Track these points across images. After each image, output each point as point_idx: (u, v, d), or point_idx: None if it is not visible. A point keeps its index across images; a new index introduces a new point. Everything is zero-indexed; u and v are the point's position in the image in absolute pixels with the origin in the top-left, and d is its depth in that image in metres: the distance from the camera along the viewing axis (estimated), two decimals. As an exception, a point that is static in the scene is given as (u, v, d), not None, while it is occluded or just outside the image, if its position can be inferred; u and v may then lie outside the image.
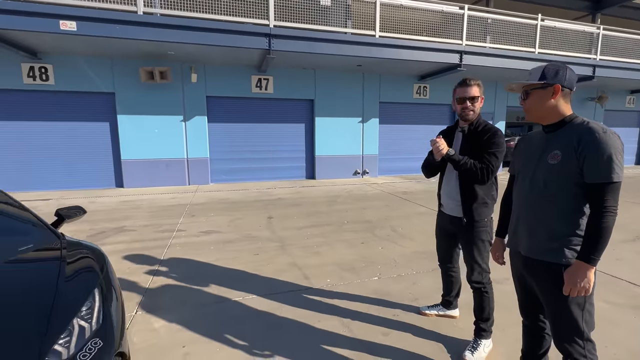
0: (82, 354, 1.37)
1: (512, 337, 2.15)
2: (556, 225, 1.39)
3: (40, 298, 1.53)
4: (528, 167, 1.49)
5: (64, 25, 5.83)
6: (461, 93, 1.98)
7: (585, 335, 1.38)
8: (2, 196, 2.22)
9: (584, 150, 1.28)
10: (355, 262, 3.53)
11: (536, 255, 1.45)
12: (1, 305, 1.44)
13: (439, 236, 2.33)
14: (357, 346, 2.14)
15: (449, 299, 2.45)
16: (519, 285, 1.65)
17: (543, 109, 1.43)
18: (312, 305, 2.66)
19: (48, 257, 1.85)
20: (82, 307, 1.57)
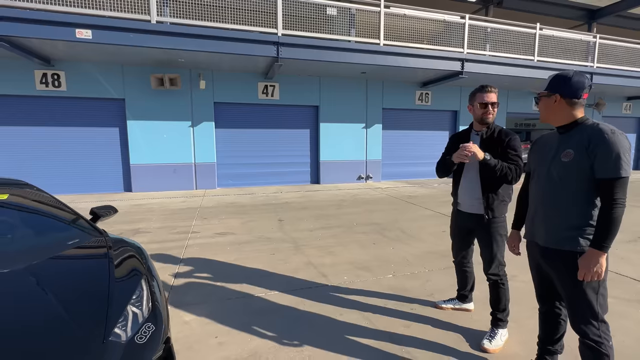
0: (138, 336, 1.50)
1: (525, 328, 2.28)
2: (570, 217, 1.53)
3: (96, 287, 1.66)
4: (543, 164, 1.64)
5: (80, 34, 6.01)
6: (484, 99, 2.12)
7: (600, 317, 1.52)
8: (50, 198, 2.36)
9: (594, 149, 1.43)
10: (369, 261, 3.66)
11: (553, 245, 1.59)
12: (65, 293, 1.57)
13: (455, 234, 2.46)
14: (381, 337, 2.26)
15: (464, 293, 2.58)
16: (536, 275, 1.78)
17: (548, 113, 1.59)
18: (332, 300, 2.78)
19: (97, 250, 1.98)
20: (133, 296, 1.70)
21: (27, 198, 2.29)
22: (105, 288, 1.66)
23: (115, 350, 1.38)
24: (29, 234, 2.05)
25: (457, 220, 2.40)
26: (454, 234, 2.48)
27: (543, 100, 1.59)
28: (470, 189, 2.23)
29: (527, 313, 2.47)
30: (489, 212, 2.15)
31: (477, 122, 2.22)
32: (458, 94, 10.78)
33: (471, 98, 2.22)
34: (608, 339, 1.52)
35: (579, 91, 1.50)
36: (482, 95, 2.14)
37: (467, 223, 2.30)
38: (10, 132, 7.37)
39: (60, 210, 2.29)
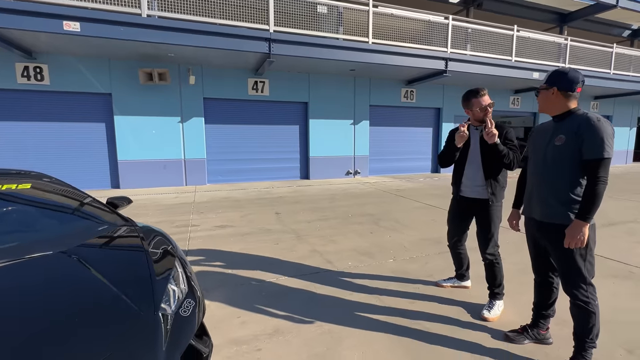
0: (182, 310, 1.62)
1: (517, 301, 2.54)
2: (562, 194, 1.78)
3: (137, 267, 1.76)
4: (539, 149, 1.88)
5: (68, 26, 5.87)
6: (481, 103, 2.33)
7: (588, 281, 1.77)
8: (71, 188, 2.40)
9: (582, 134, 1.68)
10: (369, 248, 3.86)
11: (547, 219, 1.83)
12: (109, 273, 1.66)
13: (453, 219, 2.69)
14: (391, 312, 2.47)
15: (461, 273, 2.83)
16: (532, 248, 2.03)
17: (546, 104, 1.83)
18: (341, 283, 2.96)
19: (129, 235, 2.07)
20: (170, 275, 1.82)
21: (50, 187, 2.33)
22: (145, 268, 1.76)
23: (166, 322, 1.50)
24: (59, 221, 2.11)
25: (458, 206, 2.62)
26: (452, 219, 2.71)
27: (542, 92, 1.82)
28: (474, 177, 2.46)
29: (518, 289, 2.74)
30: (493, 196, 2.38)
31: (476, 120, 2.44)
32: (441, 91, 11.20)
33: (467, 103, 2.40)
34: (594, 299, 1.78)
35: (573, 85, 1.74)
36: (478, 100, 2.35)
37: (471, 207, 2.52)
38: (-11, 127, 7.07)
39: (85, 199, 2.35)
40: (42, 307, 1.36)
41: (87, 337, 1.26)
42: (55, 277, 1.58)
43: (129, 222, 2.23)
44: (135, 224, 2.22)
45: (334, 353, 2.00)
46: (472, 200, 2.51)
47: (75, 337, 1.26)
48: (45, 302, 1.41)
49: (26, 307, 1.35)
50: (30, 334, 1.21)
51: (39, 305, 1.37)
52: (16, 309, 1.33)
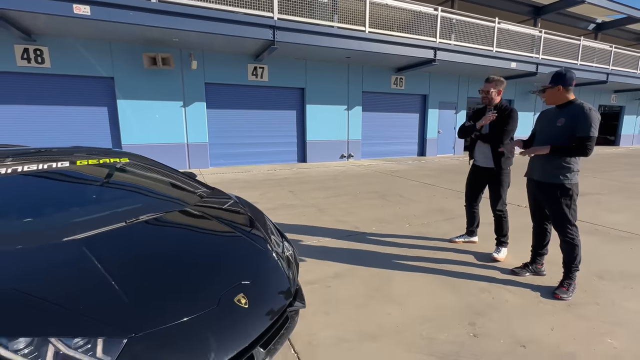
0: (287, 251, 2.13)
1: (515, 249, 3.23)
2: (556, 162, 2.41)
3: (245, 218, 2.24)
4: (545, 127, 2.51)
5: (78, 9, 5.90)
6: (483, 87, 2.99)
7: (572, 223, 2.43)
8: (164, 165, 2.78)
9: (577, 118, 2.30)
10: (385, 217, 4.47)
11: (545, 179, 2.47)
12: (229, 222, 2.13)
13: (470, 183, 3.34)
14: (420, 260, 3.08)
15: (472, 229, 3.49)
16: (532, 202, 2.69)
17: (553, 98, 2.44)
18: (372, 241, 3.55)
19: (223, 197, 2.52)
20: (269, 223, 2.31)
21: (145, 160, 2.71)
22: (251, 218, 2.25)
23: (283, 258, 2.00)
24: (167, 185, 2.51)
25: (474, 173, 3.27)
26: (469, 183, 3.35)
27: (548, 90, 2.42)
28: (485, 150, 3.09)
29: (513, 242, 3.44)
30: (497, 165, 3.02)
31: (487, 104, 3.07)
32: (427, 79, 11.87)
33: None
34: (577, 236, 2.45)
35: (571, 81, 2.35)
36: (483, 85, 3.00)
37: (483, 174, 3.16)
38: (-12, 111, 6.98)
39: (174, 172, 2.75)
40: (191, 249, 1.80)
41: (236, 268, 1.72)
42: (193, 227, 2.03)
43: (214, 189, 2.67)
44: (219, 190, 2.67)
45: (388, 287, 2.58)
46: (483, 169, 3.15)
47: (227, 267, 1.71)
48: (191, 245, 1.85)
49: (181, 249, 1.77)
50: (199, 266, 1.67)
51: (189, 248, 1.81)
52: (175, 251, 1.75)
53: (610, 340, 1.95)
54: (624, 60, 14.09)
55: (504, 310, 2.27)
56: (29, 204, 1.93)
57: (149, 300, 1.36)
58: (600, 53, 13.49)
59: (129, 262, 1.53)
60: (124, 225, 1.78)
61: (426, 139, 12.34)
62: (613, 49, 13.47)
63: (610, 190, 6.29)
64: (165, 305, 1.36)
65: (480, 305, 2.33)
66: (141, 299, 1.35)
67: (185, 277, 1.55)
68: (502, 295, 2.47)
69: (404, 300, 2.38)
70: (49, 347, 1.10)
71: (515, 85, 13.75)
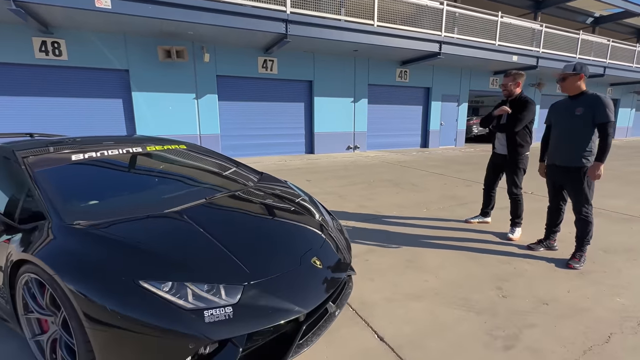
0: (336, 225, 2.41)
1: (527, 230, 3.55)
2: (577, 147, 2.70)
3: (299, 196, 2.52)
4: (562, 117, 2.79)
5: (99, 3, 6.05)
6: (502, 81, 3.32)
7: (589, 202, 2.74)
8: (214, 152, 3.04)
9: (595, 107, 2.58)
10: (403, 202, 4.78)
11: (567, 164, 2.76)
12: (286, 198, 2.41)
13: (490, 168, 3.67)
14: (444, 239, 3.39)
15: (487, 211, 3.81)
16: (551, 185, 2.99)
17: (570, 87, 2.72)
18: (396, 223, 3.85)
19: (275, 179, 2.80)
20: (319, 204, 2.59)
21: (199, 148, 2.96)
22: (307, 196, 2.54)
23: (339, 230, 2.29)
24: (224, 168, 2.77)
25: (493, 159, 3.61)
26: (488, 168, 3.68)
27: (570, 79, 2.69)
28: (502, 138, 3.41)
29: (526, 224, 3.76)
30: (510, 152, 3.34)
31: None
32: (431, 72, 12.12)
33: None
34: (591, 214, 2.77)
35: (588, 72, 2.64)
36: (503, 79, 3.32)
37: (499, 160, 3.48)
38: (7, 103, 7.11)
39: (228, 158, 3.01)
40: (267, 220, 2.09)
41: (306, 236, 2.01)
42: (262, 203, 2.30)
43: (264, 173, 2.94)
44: (269, 174, 2.94)
45: (419, 260, 2.89)
46: (500, 155, 3.47)
47: (299, 235, 2.00)
48: (265, 217, 2.14)
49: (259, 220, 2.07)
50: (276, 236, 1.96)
51: (264, 219, 2.10)
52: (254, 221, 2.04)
53: (619, 299, 2.28)
54: (620, 53, 14.43)
55: (525, 277, 2.59)
56: (123, 182, 2.19)
57: (250, 258, 1.64)
58: (598, 47, 13.81)
59: (223, 229, 1.81)
60: (204, 202, 2.05)
61: (429, 130, 12.63)
62: (610, 43, 13.79)
63: (609, 178, 6.65)
64: (261, 261, 1.65)
65: (504, 273, 2.65)
66: (243, 257, 1.62)
67: (270, 242, 1.84)
68: (522, 265, 2.79)
69: (436, 270, 2.69)
70: (187, 290, 1.38)
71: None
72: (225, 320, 1.35)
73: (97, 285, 1.33)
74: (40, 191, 1.71)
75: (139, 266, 1.42)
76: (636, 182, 6.29)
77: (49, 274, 1.37)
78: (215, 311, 1.35)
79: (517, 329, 1.95)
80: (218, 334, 1.31)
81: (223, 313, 1.36)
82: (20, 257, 1.50)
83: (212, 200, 2.09)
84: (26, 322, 1.62)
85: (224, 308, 1.37)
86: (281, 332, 1.55)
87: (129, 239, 1.56)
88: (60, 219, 1.58)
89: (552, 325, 1.98)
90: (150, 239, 1.59)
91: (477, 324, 1.99)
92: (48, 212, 1.61)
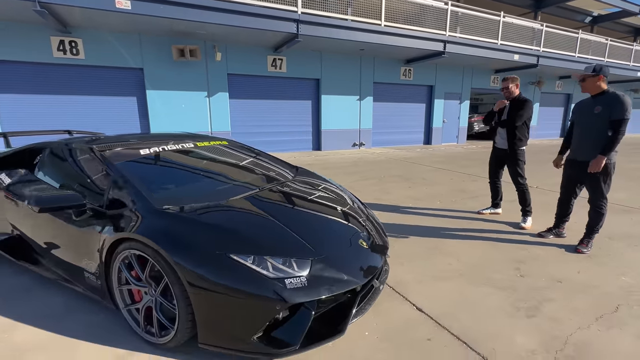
0: (368, 212, 2.66)
1: (538, 219, 3.83)
2: (597, 143, 2.93)
3: (341, 189, 2.78)
4: (583, 116, 3.04)
5: (120, 4, 6.24)
6: (502, 85, 3.64)
7: (605, 196, 2.99)
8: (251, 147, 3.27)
9: (612, 104, 2.83)
10: (416, 195, 5.04)
11: (586, 159, 2.98)
12: (338, 193, 2.66)
13: (492, 162, 3.97)
14: (460, 230, 3.66)
15: (496, 202, 4.10)
16: (566, 179, 3.25)
17: (592, 87, 2.96)
18: (413, 214, 4.11)
19: (311, 173, 3.04)
20: (350, 193, 2.85)
21: (238, 144, 3.20)
22: (338, 186, 2.80)
23: (370, 217, 2.55)
24: (268, 162, 3.02)
25: (494, 153, 3.91)
26: (491, 162, 3.97)
27: (589, 79, 2.93)
28: (502, 134, 3.73)
29: (535, 215, 4.03)
30: (510, 146, 3.65)
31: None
32: (434, 70, 12.37)
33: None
34: (606, 207, 3.02)
35: (607, 73, 2.89)
36: (501, 83, 3.68)
37: (500, 154, 3.81)
38: (26, 100, 7.29)
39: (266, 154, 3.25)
40: (316, 207, 2.35)
41: (351, 221, 2.27)
42: (309, 192, 2.55)
43: (300, 167, 3.19)
44: (303, 168, 3.19)
45: (441, 246, 3.16)
46: (501, 150, 3.80)
47: (346, 219, 2.25)
48: (315, 203, 2.39)
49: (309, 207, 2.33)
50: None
51: (314, 206, 2.36)
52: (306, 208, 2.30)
53: (624, 277, 2.56)
54: (618, 52, 14.75)
55: (539, 260, 2.87)
56: (186, 173, 2.42)
57: (311, 238, 1.89)
58: (596, 46, 14.12)
59: (283, 214, 2.06)
60: (258, 191, 2.30)
61: (432, 128, 12.91)
62: (608, 42, 14.10)
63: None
64: (320, 241, 1.90)
65: (519, 257, 2.92)
66: (306, 237, 1.88)
67: (322, 225, 2.10)
68: (535, 250, 3.07)
69: (458, 255, 2.96)
70: (267, 263, 1.64)
71: (515, 77, 14.33)
72: (301, 288, 1.60)
73: (196, 258, 1.58)
74: (126, 180, 1.95)
75: (227, 243, 1.67)
76: (637, 178, 6.60)
77: (154, 249, 1.61)
78: (293, 280, 1.61)
79: (536, 302, 2.22)
80: (297, 298, 1.57)
81: (299, 281, 1.62)
82: (120, 237, 1.74)
83: (266, 189, 2.34)
84: (119, 294, 1.86)
85: (299, 277, 1.63)
86: (339, 302, 1.81)
87: (212, 221, 1.81)
88: (150, 204, 1.82)
89: (566, 299, 2.26)
90: (228, 221, 1.85)
91: (501, 299, 2.26)
92: (138, 199, 1.85)
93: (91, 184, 2.08)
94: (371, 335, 1.88)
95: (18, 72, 7.12)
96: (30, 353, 1.75)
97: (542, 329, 1.94)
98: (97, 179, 2.07)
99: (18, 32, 6.90)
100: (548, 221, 3.54)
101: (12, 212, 2.42)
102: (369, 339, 1.86)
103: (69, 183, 2.27)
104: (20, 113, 7.25)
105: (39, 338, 1.86)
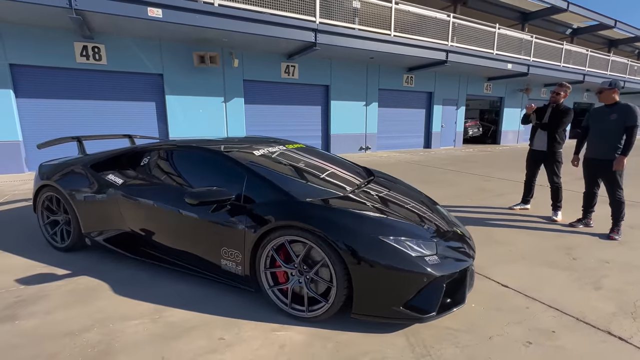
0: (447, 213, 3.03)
1: (566, 212, 4.31)
2: (612, 144, 3.45)
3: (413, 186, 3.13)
4: (599, 121, 3.55)
5: (152, 12, 6.41)
6: (555, 89, 4.05)
7: (620, 187, 3.50)
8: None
9: (626, 113, 3.35)
10: (446, 195, 5.46)
11: (604, 157, 3.50)
12: (415, 190, 3.00)
13: (529, 163, 4.42)
14: (498, 223, 4.08)
15: (527, 199, 4.56)
16: (587, 175, 3.76)
17: (608, 98, 3.48)
18: (452, 210, 4.51)
19: (383, 173, 3.38)
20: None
21: (312, 147, 3.50)
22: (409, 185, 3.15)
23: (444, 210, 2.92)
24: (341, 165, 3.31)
25: (532, 155, 4.37)
26: (528, 163, 4.42)
27: (606, 92, 3.45)
28: (541, 137, 4.18)
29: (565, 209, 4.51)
30: (550, 148, 4.10)
31: (550, 100, 4.13)
32: (433, 78, 13.01)
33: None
34: (623, 196, 3.53)
35: (620, 86, 3.41)
36: (556, 87, 4.07)
37: (538, 156, 4.26)
38: (49, 105, 7.28)
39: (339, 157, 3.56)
40: (411, 201, 2.69)
41: (440, 213, 2.62)
42: (397, 189, 2.87)
43: (371, 169, 3.52)
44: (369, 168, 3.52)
45: (494, 236, 3.55)
46: (539, 152, 4.24)
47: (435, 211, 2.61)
48: (408, 197, 2.73)
49: (405, 201, 2.67)
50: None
51: (408, 200, 2.69)
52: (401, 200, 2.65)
53: (657, 258, 3.03)
54: (596, 62, 15.93)
55: (581, 246, 3.31)
56: (293, 171, 2.67)
57: (424, 225, 2.23)
58: (577, 56, 15.21)
59: (390, 206, 2.38)
60: (362, 188, 2.61)
61: (431, 132, 13.52)
62: (589, 53, 15.22)
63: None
64: (432, 228, 2.24)
65: (563, 244, 3.36)
66: (420, 224, 2.21)
67: (426, 215, 2.43)
68: (573, 238, 3.52)
69: (512, 243, 3.36)
70: (405, 244, 1.96)
71: (506, 85, 15.24)
72: (437, 264, 1.94)
73: (356, 240, 1.88)
74: (265, 178, 2.23)
75: (374, 227, 1.98)
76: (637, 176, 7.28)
77: (316, 234, 1.90)
78: (430, 257, 1.94)
79: (596, 278, 2.63)
80: (437, 271, 1.90)
81: (435, 259, 1.95)
82: (277, 225, 2.01)
83: (365, 186, 2.66)
84: (265, 276, 2.13)
85: (434, 256, 1.97)
86: (453, 279, 2.15)
87: (355, 210, 2.11)
88: (294, 197, 2.11)
89: (619, 275, 2.69)
90: (364, 210, 2.15)
91: (567, 277, 2.67)
92: (283, 193, 2.13)
93: (226, 181, 2.33)
94: (478, 307, 2.23)
95: (40, 76, 7.12)
96: (193, 330, 1.98)
97: (611, 297, 2.35)
98: (232, 177, 2.32)
99: (42, 38, 6.92)
100: (573, 214, 4.01)
101: (131, 211, 2.63)
102: (477, 309, 2.20)
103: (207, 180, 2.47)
104: (42, 117, 7.24)
105: (190, 317, 2.10)
